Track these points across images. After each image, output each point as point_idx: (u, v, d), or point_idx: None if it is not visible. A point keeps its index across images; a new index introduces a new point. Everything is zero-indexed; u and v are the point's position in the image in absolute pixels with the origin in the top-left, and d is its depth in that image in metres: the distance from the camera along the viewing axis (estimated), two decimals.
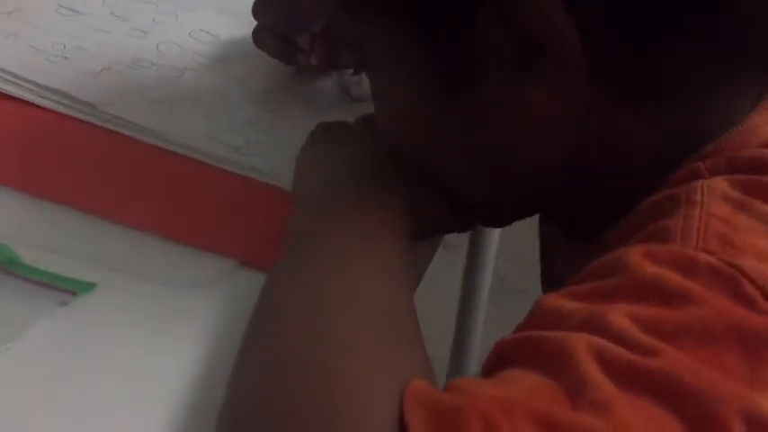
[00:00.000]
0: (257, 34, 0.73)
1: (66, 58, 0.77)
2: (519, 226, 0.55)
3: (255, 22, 0.74)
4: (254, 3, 0.73)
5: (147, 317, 0.54)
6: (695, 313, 0.34)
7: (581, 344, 0.34)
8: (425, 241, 0.55)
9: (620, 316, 0.34)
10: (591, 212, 0.49)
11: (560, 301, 0.37)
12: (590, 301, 0.36)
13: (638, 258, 0.37)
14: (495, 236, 1.16)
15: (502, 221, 0.56)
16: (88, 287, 0.54)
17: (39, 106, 0.70)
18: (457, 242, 0.98)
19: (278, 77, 0.76)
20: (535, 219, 0.58)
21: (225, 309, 0.55)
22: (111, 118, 0.69)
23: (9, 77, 0.72)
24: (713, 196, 0.40)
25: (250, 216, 0.63)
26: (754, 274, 0.36)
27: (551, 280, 0.56)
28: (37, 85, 0.72)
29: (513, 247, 1.36)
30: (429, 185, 0.51)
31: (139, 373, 0.50)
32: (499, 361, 0.37)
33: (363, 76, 0.69)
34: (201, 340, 0.52)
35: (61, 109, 0.70)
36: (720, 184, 0.41)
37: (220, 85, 0.76)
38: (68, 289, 0.54)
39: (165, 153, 0.67)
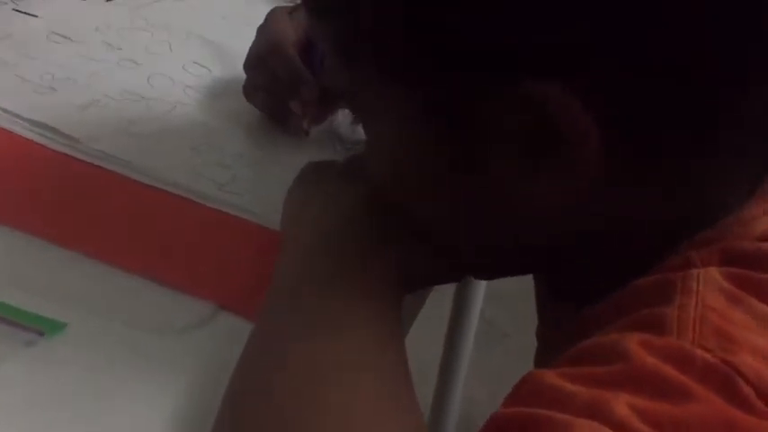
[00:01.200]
0: (247, 88, 0.72)
1: (54, 89, 0.73)
2: None
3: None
4: (247, 58, 0.71)
5: (119, 361, 0.49)
6: (693, 410, 0.34)
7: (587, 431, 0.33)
8: (415, 293, 0.52)
9: (621, 405, 0.34)
10: (583, 276, 0.47)
11: (558, 381, 0.36)
12: (590, 386, 0.35)
13: (636, 347, 0.36)
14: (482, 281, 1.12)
15: (492, 275, 0.53)
16: (57, 327, 0.50)
17: (21, 137, 0.67)
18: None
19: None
20: None
21: (201, 356, 0.50)
22: (96, 152, 0.66)
23: None
24: (709, 287, 0.39)
25: (232, 257, 0.59)
26: (749, 372, 0.35)
27: (542, 337, 0.52)
28: (21, 117, 0.68)
29: (499, 290, 1.33)
30: (419, 238, 0.49)
31: (110, 423, 0.46)
32: None
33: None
34: (176, 388, 0.48)
35: (45, 142, 0.67)
36: (715, 275, 0.40)
37: (210, 119, 0.73)
38: (36, 328, 0.49)
39: (146, 188, 0.64)
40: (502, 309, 1.50)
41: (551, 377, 0.36)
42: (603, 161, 0.39)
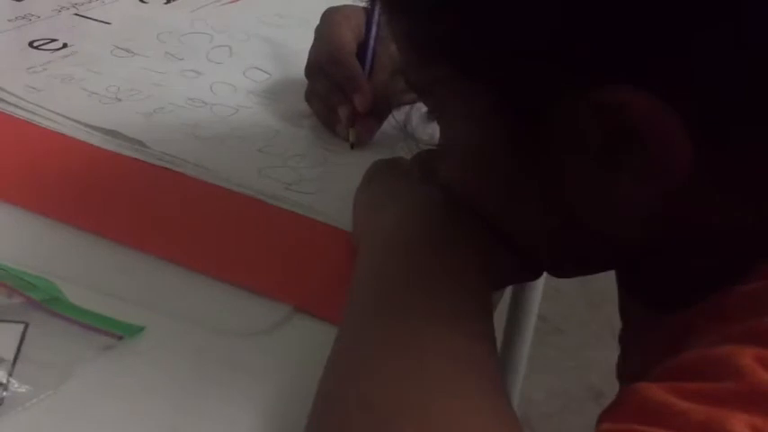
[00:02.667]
0: (308, 94, 0.69)
1: (119, 99, 0.70)
2: None
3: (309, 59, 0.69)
4: (307, 65, 0.68)
5: (196, 365, 0.46)
6: None
7: None
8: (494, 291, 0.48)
9: (740, 424, 0.31)
10: (665, 282, 0.43)
11: (666, 397, 0.33)
12: (703, 404, 0.32)
13: (751, 363, 0.32)
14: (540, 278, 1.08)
15: (569, 273, 0.50)
16: (136, 331, 0.47)
17: (90, 144, 0.64)
18: None
19: None
20: None
21: (279, 359, 0.47)
22: (161, 155, 0.63)
23: (60, 119, 0.67)
24: None
25: (305, 257, 0.55)
26: None
27: (625, 342, 0.49)
28: (89, 125, 0.66)
29: (553, 286, 1.28)
30: (494, 237, 0.45)
31: (189, 427, 0.43)
32: None
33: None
34: (254, 391, 0.44)
35: (113, 148, 0.64)
36: None
37: (274, 121, 0.69)
38: (114, 332, 0.46)
39: (216, 190, 0.60)
40: (556, 304, 1.46)
41: (660, 392, 0.33)
42: (688, 164, 0.36)
